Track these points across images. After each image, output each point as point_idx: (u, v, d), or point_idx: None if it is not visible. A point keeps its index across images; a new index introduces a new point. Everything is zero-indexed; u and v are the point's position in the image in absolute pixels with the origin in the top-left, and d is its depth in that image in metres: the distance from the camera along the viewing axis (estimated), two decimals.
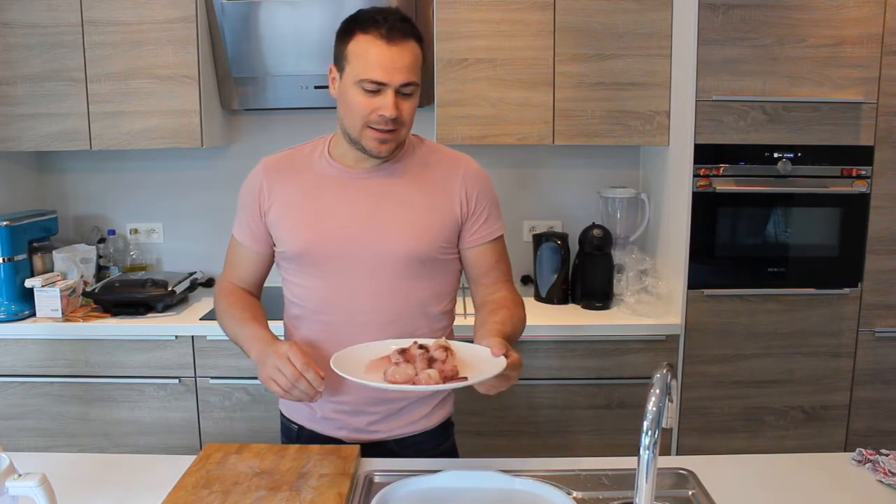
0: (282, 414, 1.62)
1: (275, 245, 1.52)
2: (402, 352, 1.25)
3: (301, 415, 1.56)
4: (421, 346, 1.25)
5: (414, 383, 1.18)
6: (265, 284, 1.62)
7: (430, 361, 1.21)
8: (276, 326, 1.51)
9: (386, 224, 1.43)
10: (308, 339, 1.48)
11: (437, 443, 1.56)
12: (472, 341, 1.33)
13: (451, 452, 1.60)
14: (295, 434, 1.57)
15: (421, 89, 1.40)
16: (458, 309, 2.36)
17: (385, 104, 1.33)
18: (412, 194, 1.45)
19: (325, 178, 1.47)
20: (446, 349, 1.25)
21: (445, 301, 1.52)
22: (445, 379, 1.18)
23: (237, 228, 1.57)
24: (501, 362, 1.21)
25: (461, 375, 1.20)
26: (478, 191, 1.48)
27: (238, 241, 1.57)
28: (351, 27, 1.36)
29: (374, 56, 1.32)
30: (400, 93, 1.34)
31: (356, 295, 1.44)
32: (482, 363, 1.24)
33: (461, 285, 1.59)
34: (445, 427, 1.58)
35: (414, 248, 1.43)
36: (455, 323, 1.60)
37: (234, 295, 1.55)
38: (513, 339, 1.39)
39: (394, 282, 1.43)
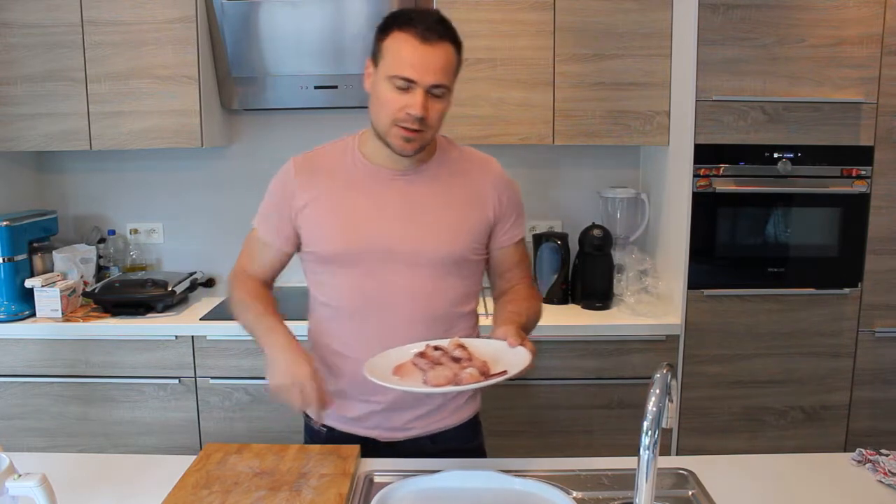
0: (306, 415, 1.59)
1: (302, 245, 1.51)
2: (422, 355, 1.25)
3: (332, 417, 1.53)
4: (436, 348, 1.26)
5: (457, 383, 1.18)
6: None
7: (455, 361, 1.22)
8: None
9: (421, 226, 1.43)
10: (340, 338, 1.48)
11: (468, 439, 1.57)
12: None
13: (479, 449, 1.60)
14: (323, 437, 1.54)
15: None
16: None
17: (414, 102, 1.33)
18: (446, 196, 1.46)
19: (357, 178, 1.46)
20: (464, 347, 1.26)
21: (474, 300, 1.55)
22: (484, 375, 1.20)
23: (262, 224, 1.55)
24: (524, 351, 1.24)
25: (498, 371, 1.21)
26: (508, 195, 1.51)
27: (261, 237, 1.56)
28: (389, 23, 1.36)
29: (407, 53, 1.33)
30: (430, 93, 1.34)
31: (389, 296, 1.43)
32: (503, 355, 1.26)
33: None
34: (475, 423, 1.59)
35: (449, 249, 1.44)
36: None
37: (250, 284, 1.56)
38: (528, 329, 1.41)
39: (427, 283, 1.44)
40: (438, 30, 1.33)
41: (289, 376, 1.32)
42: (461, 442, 1.54)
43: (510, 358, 1.24)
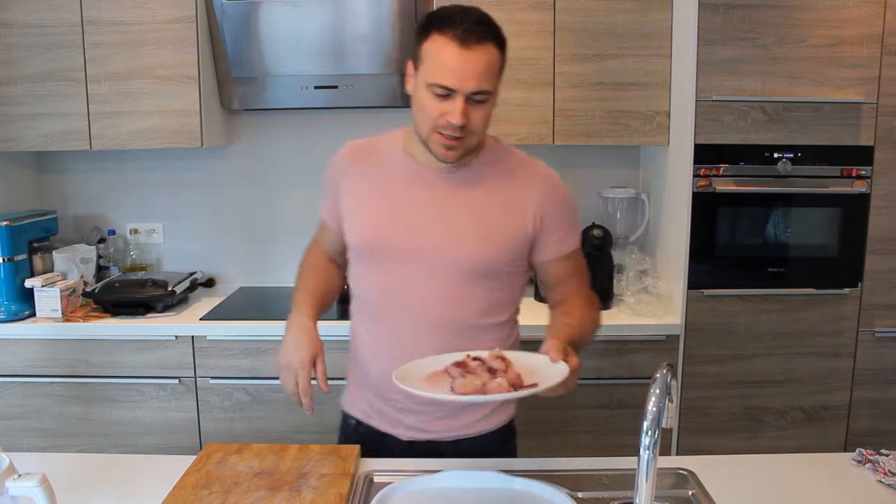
0: (343, 411, 1.60)
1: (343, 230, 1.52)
2: (459, 364, 1.21)
3: (359, 409, 1.54)
4: (475, 358, 1.22)
5: (483, 393, 1.15)
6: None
7: (491, 372, 1.18)
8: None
9: (449, 230, 1.39)
10: (364, 333, 1.48)
11: (494, 448, 1.50)
12: (535, 350, 1.29)
13: (512, 455, 1.55)
14: (352, 429, 1.55)
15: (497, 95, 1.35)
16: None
17: (454, 110, 1.28)
18: (483, 203, 1.41)
19: (398, 174, 1.44)
20: (503, 359, 1.21)
21: (508, 312, 1.49)
22: (514, 387, 1.15)
23: (322, 206, 1.57)
24: (563, 368, 1.18)
25: (529, 383, 1.17)
26: (553, 205, 1.43)
27: (323, 219, 1.58)
28: (428, 25, 1.30)
29: (446, 60, 1.27)
30: (471, 100, 1.29)
31: (412, 297, 1.41)
32: (541, 369, 1.21)
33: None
34: (506, 432, 1.54)
35: (476, 259, 1.39)
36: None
37: (315, 257, 1.58)
38: (582, 342, 1.36)
39: (449, 289, 1.40)
40: (479, 31, 1.27)
41: (287, 358, 1.34)
42: (487, 450, 1.48)
43: (549, 372, 1.19)
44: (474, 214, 1.40)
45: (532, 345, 1.36)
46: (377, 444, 1.49)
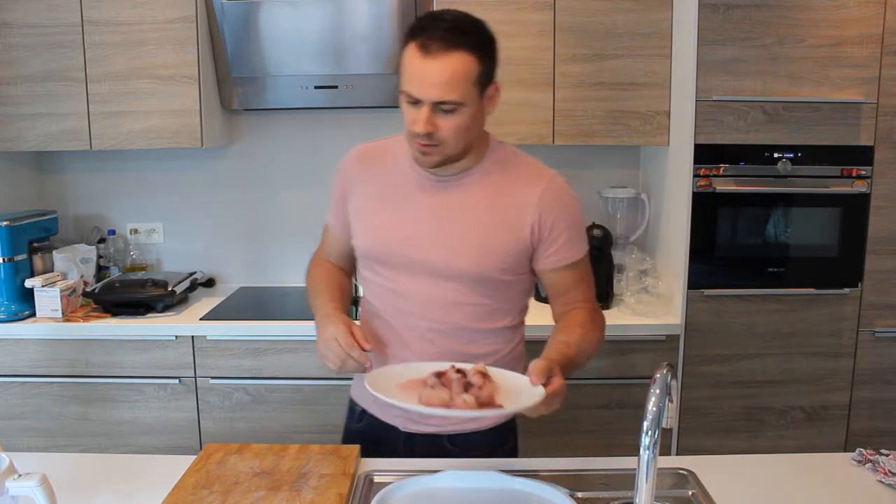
0: (350, 399, 1.62)
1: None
2: (440, 375, 1.21)
3: (364, 398, 1.54)
4: (458, 371, 1.22)
5: (448, 407, 1.15)
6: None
7: (467, 386, 1.18)
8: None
9: (447, 238, 1.39)
10: (373, 329, 1.48)
11: (494, 445, 1.50)
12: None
13: (512, 453, 1.55)
14: (357, 416, 1.57)
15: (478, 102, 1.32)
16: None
17: (418, 119, 1.28)
18: (481, 210, 1.39)
19: (402, 179, 1.44)
20: (484, 375, 1.21)
21: (510, 317, 1.48)
22: (481, 405, 1.15)
23: (329, 211, 1.57)
24: (538, 392, 1.17)
25: (497, 403, 1.17)
26: (555, 214, 1.39)
27: (328, 225, 1.58)
28: (407, 34, 1.30)
29: (410, 68, 1.27)
30: (439, 109, 1.27)
31: (414, 303, 1.42)
32: (521, 390, 1.20)
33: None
34: (506, 429, 1.53)
35: (473, 268, 1.39)
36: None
37: (319, 266, 1.57)
38: (578, 361, 1.34)
39: (448, 295, 1.40)
40: (447, 39, 1.25)
41: (323, 337, 1.33)
42: (487, 446, 1.48)
43: (526, 394, 1.18)
44: (470, 222, 1.39)
45: (537, 345, 1.37)
46: (379, 433, 1.51)
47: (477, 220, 1.40)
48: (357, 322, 1.41)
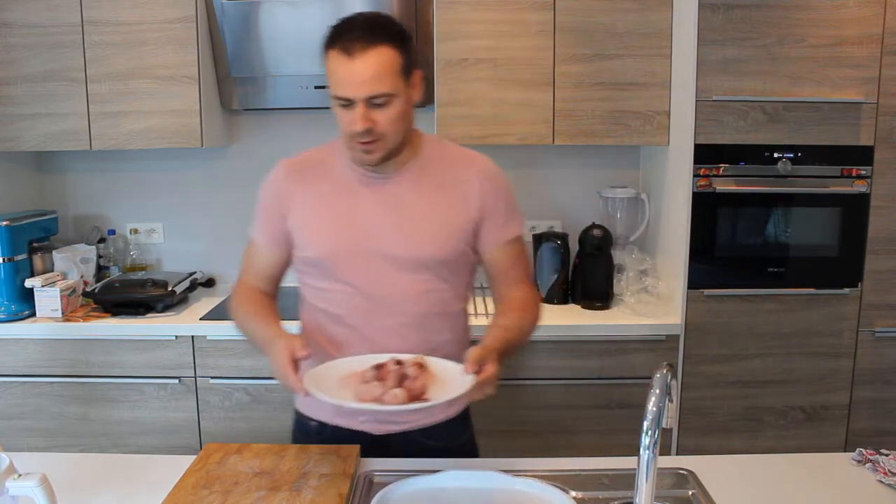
0: (297, 412, 1.59)
1: (295, 249, 1.51)
2: (379, 367, 1.25)
3: (324, 411, 1.52)
4: (398, 363, 1.25)
5: (380, 402, 1.18)
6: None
7: (403, 378, 1.22)
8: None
9: (405, 228, 1.43)
10: (332, 341, 1.46)
11: (458, 433, 1.56)
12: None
13: (470, 443, 1.61)
14: (314, 431, 1.54)
15: (418, 87, 1.39)
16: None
17: (354, 119, 1.32)
18: (430, 197, 1.45)
19: (344, 181, 1.47)
20: (421, 366, 1.25)
21: (462, 301, 1.54)
22: (410, 398, 1.19)
23: (256, 230, 1.56)
24: (467, 382, 1.21)
25: (425, 396, 1.21)
26: (494, 193, 1.47)
27: (256, 243, 1.56)
28: (325, 43, 1.36)
29: (336, 72, 1.33)
30: (372, 104, 1.32)
31: (378, 300, 1.44)
32: (455, 379, 1.25)
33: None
34: (464, 417, 1.58)
35: (435, 253, 1.43)
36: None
37: (246, 294, 1.55)
38: (518, 342, 1.41)
39: (415, 285, 1.44)
40: (364, 37, 1.31)
41: (273, 368, 1.33)
42: (452, 437, 1.53)
43: (459, 383, 1.23)
44: (423, 209, 1.44)
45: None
46: (347, 442, 1.47)
47: (429, 205, 1.45)
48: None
